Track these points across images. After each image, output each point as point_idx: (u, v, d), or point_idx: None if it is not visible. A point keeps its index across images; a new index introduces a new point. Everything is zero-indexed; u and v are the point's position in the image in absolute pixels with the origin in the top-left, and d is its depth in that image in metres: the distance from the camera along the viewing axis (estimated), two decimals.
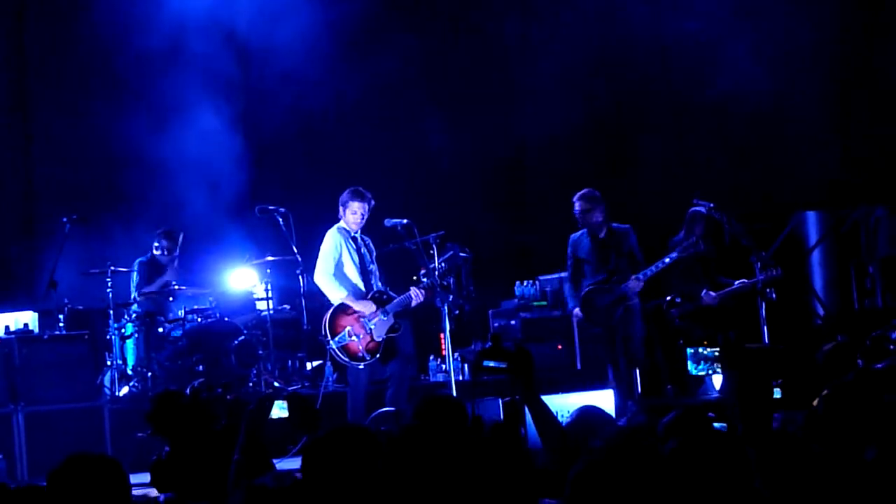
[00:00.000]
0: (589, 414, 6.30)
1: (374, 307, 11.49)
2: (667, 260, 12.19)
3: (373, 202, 11.62)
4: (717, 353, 10.84)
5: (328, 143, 15.71)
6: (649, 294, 13.31)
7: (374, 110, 15.89)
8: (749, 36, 15.37)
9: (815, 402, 6.03)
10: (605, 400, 10.08)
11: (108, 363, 12.93)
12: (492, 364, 5.50)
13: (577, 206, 12.35)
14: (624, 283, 12.16)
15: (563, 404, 8.88)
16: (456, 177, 15.96)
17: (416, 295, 11.55)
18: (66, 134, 14.64)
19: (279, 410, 6.05)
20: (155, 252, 13.63)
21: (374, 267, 11.73)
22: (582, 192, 12.41)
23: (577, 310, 12.49)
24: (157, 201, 14.52)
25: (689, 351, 10.99)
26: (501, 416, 10.12)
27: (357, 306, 11.49)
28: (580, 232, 12.48)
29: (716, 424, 5.67)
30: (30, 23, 14.81)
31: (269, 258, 13.59)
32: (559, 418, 5.57)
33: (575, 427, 5.93)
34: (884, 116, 15.20)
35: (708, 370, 10.85)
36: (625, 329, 12.24)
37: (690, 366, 10.88)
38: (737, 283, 12.63)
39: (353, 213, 11.56)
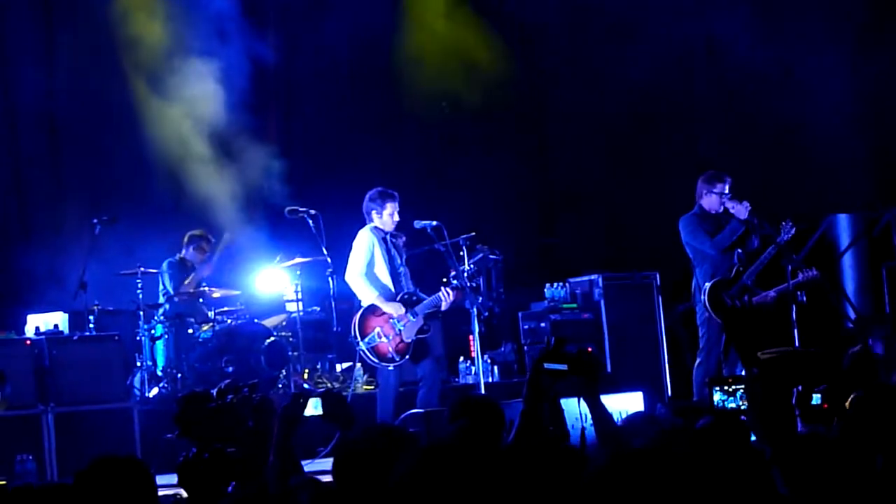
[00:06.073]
0: (638, 419, 6.26)
1: (402, 309, 11.46)
2: (770, 252, 11.89)
3: (397, 196, 11.63)
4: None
5: (357, 144, 15.69)
6: (679, 297, 13.23)
7: (400, 114, 15.89)
8: (780, 38, 15.32)
9: (846, 405, 5.96)
10: (634, 402, 10.05)
11: (138, 364, 12.92)
12: (553, 367, 5.46)
13: (728, 188, 11.90)
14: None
15: None
16: (485, 178, 15.94)
17: (445, 297, 11.52)
18: (95, 134, 14.65)
19: (313, 409, 5.98)
20: (185, 252, 13.66)
21: (403, 269, 11.70)
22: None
23: None
24: (186, 202, 14.50)
25: None
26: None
27: (386, 308, 11.46)
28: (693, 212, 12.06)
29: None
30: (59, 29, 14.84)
31: (299, 260, 13.57)
32: (585, 422, 5.54)
33: (623, 430, 5.87)
34: None
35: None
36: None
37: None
38: (772, 291, 12.15)
39: (391, 215, 11.54)
